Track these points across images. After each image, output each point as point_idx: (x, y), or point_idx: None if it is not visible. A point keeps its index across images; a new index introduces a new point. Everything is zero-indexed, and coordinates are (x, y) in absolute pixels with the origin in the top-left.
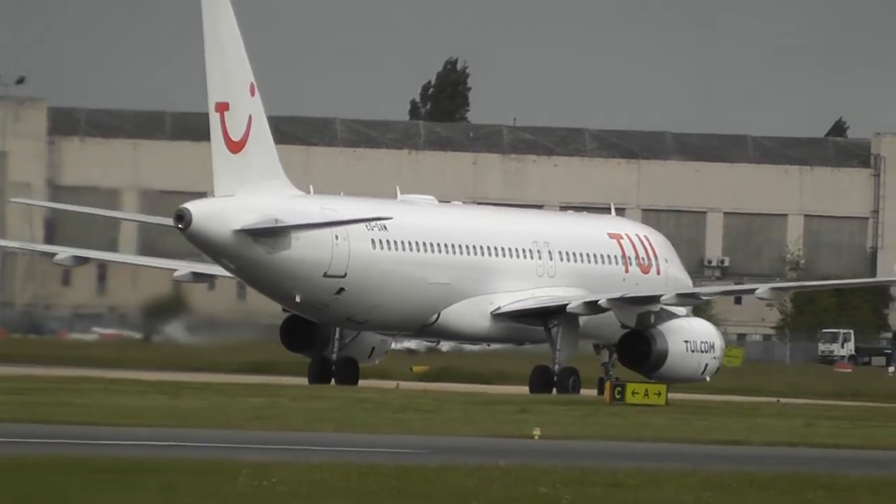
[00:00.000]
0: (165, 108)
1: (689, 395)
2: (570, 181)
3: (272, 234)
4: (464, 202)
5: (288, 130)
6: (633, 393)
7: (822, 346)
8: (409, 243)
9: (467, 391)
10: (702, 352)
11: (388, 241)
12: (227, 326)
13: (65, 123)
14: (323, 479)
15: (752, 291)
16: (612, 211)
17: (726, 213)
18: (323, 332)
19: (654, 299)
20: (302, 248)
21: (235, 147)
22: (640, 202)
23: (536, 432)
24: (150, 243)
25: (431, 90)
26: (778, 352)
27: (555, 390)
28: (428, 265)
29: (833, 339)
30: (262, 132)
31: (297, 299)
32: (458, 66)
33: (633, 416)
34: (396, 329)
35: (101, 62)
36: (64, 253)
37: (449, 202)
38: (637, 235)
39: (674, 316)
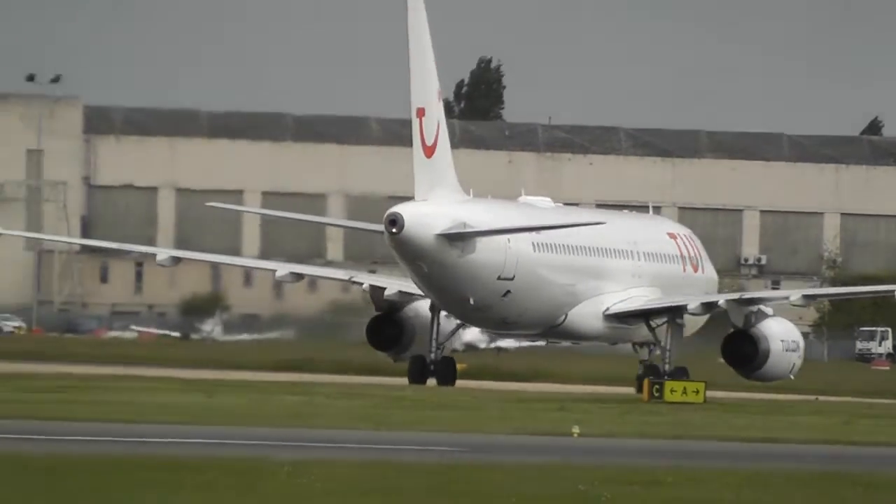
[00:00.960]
0: (201, 107)
1: (727, 394)
2: (606, 179)
3: (462, 238)
4: (555, 203)
5: (323, 130)
6: (672, 391)
7: (859, 344)
8: (554, 246)
9: (506, 389)
10: (792, 351)
11: (542, 245)
12: (264, 324)
13: (100, 122)
14: (361, 476)
15: (890, 293)
16: (651, 210)
17: (762, 212)
18: (408, 332)
19: (768, 299)
20: (484, 252)
21: (429, 152)
22: (676, 200)
23: (575, 430)
24: (186, 241)
25: (465, 89)
26: (815, 350)
27: None
28: (564, 268)
29: (870, 336)
30: (445, 137)
31: (471, 302)
32: (493, 65)
33: (671, 413)
34: (533, 329)
35: (136, 61)
36: (163, 254)
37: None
38: (684, 235)
39: (766, 316)
